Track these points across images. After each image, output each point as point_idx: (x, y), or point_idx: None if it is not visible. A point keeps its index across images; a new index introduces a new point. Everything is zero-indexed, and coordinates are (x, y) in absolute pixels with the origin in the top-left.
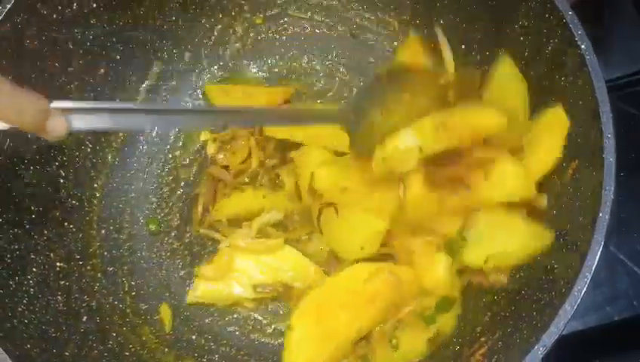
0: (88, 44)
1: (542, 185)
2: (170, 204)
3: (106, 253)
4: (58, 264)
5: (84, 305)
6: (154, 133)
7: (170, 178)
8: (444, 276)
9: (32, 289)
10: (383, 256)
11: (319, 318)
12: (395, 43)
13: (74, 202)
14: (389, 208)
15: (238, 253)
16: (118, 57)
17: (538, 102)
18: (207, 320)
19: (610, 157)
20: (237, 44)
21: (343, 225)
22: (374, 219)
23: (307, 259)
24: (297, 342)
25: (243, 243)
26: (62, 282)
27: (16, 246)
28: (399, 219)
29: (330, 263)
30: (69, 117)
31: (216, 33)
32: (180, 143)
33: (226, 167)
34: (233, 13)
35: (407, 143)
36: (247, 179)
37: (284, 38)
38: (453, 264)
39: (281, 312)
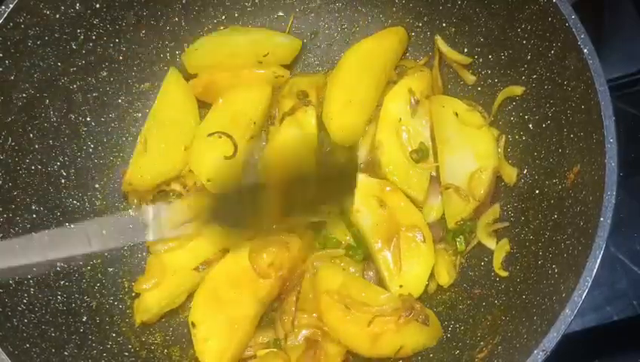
0: (91, 44)
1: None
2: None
3: (106, 254)
4: (58, 264)
5: (84, 305)
6: None
7: None
8: None
9: (32, 289)
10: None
11: (219, 306)
12: None
13: (75, 202)
14: None
15: (164, 255)
16: (121, 58)
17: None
18: None
19: (612, 162)
20: None
21: None
22: None
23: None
24: (205, 338)
25: (162, 247)
26: (62, 282)
27: None
28: None
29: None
30: None
31: None
32: None
33: None
34: (236, 15)
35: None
36: None
37: None
38: None
39: None
